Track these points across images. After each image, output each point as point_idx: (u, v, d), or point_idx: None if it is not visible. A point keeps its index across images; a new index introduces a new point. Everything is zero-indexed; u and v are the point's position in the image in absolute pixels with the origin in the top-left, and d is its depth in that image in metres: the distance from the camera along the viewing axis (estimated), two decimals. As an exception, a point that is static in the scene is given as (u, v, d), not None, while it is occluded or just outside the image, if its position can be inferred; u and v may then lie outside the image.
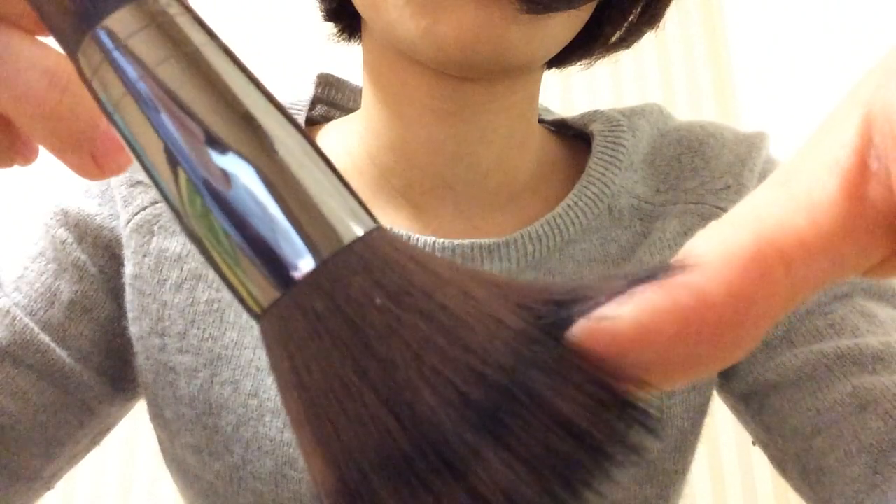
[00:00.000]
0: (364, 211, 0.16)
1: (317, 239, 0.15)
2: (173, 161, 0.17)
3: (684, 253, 0.14)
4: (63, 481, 0.47)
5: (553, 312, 0.15)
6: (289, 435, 0.42)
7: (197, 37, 0.18)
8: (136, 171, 0.46)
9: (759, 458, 1.11)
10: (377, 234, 0.16)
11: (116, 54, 0.17)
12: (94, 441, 0.48)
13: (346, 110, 0.53)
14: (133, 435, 1.17)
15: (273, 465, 0.42)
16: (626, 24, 0.44)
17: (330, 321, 0.15)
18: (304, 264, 0.15)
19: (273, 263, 0.16)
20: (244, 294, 0.16)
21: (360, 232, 0.16)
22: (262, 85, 0.18)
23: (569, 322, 0.14)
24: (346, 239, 0.16)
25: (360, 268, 0.15)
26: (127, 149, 0.18)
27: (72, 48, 0.18)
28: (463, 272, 0.16)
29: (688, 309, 0.13)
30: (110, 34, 0.17)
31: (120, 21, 0.17)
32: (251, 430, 0.42)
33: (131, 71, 0.17)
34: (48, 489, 0.45)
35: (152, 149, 0.17)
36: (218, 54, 0.17)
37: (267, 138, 0.16)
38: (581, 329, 0.14)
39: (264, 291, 0.16)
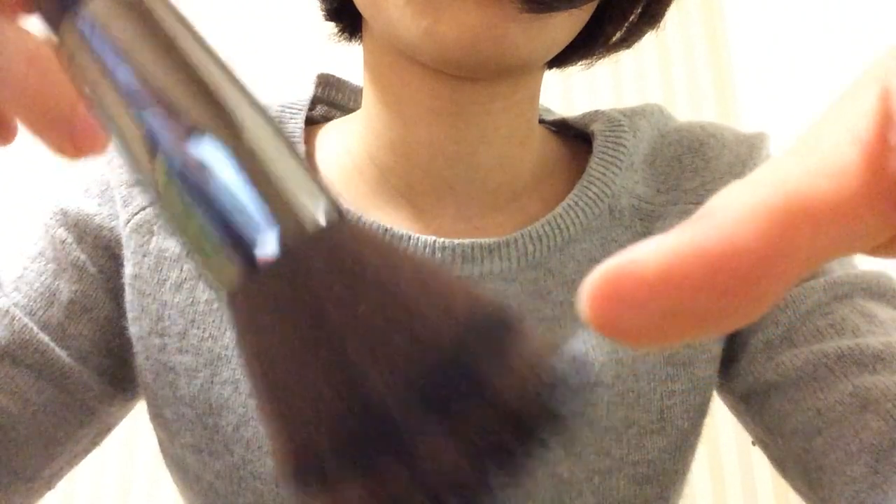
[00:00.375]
0: (328, 199, 0.17)
1: (282, 225, 0.16)
2: (147, 143, 0.17)
3: (709, 207, 0.14)
4: (63, 481, 0.47)
5: (499, 309, 0.16)
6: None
7: (172, 24, 0.18)
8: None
9: (759, 458, 1.11)
10: (340, 223, 0.17)
11: (94, 39, 0.18)
12: (94, 441, 0.48)
13: (347, 110, 0.53)
14: (133, 435, 1.17)
15: (273, 464, 0.42)
16: (626, 24, 0.44)
17: (289, 307, 0.16)
18: (269, 249, 0.16)
19: (239, 247, 0.16)
20: (211, 274, 0.17)
21: (323, 220, 0.17)
22: (233, 73, 0.18)
23: (508, 318, 0.15)
24: (310, 227, 0.16)
25: (322, 255, 0.16)
26: (103, 130, 0.19)
27: (51, 30, 0.19)
28: (420, 264, 0.17)
29: (716, 255, 0.13)
30: (88, 19, 0.18)
31: (98, 7, 0.18)
32: (251, 429, 0.42)
33: (108, 55, 0.18)
34: (49, 489, 0.45)
35: (127, 131, 0.18)
36: (192, 42, 0.18)
37: (238, 124, 0.17)
38: (607, 271, 0.13)
39: (230, 273, 0.16)
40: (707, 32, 1.38)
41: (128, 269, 0.45)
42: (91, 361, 0.45)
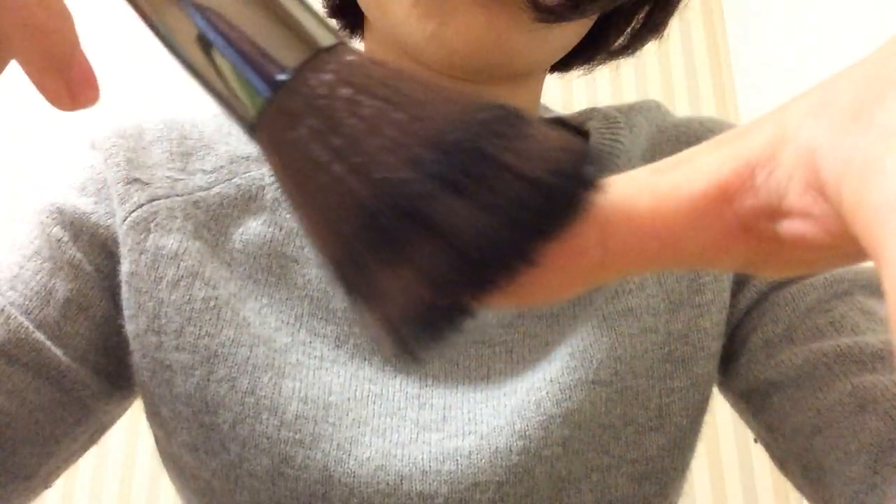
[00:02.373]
0: (328, 30, 0.19)
1: (286, 53, 0.18)
2: None
3: None
4: (63, 481, 0.47)
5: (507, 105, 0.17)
6: (286, 433, 0.42)
7: None
8: (132, 169, 0.46)
9: (758, 456, 1.11)
10: (342, 47, 0.18)
11: None
12: (92, 439, 0.48)
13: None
14: (133, 435, 1.16)
15: (269, 463, 0.42)
16: (629, 32, 0.44)
17: (304, 117, 0.17)
18: (279, 77, 0.18)
19: (257, 76, 0.18)
20: (240, 107, 0.18)
21: (327, 43, 0.18)
22: None
23: (517, 111, 0.16)
24: (315, 47, 0.18)
25: (328, 70, 0.17)
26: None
27: None
28: (422, 74, 0.18)
29: None
30: None
31: None
32: (248, 427, 0.42)
33: None
34: (46, 487, 0.45)
35: None
36: None
37: None
38: None
39: (253, 102, 0.18)
40: (707, 32, 1.38)
41: (124, 267, 0.45)
42: (88, 360, 0.45)
